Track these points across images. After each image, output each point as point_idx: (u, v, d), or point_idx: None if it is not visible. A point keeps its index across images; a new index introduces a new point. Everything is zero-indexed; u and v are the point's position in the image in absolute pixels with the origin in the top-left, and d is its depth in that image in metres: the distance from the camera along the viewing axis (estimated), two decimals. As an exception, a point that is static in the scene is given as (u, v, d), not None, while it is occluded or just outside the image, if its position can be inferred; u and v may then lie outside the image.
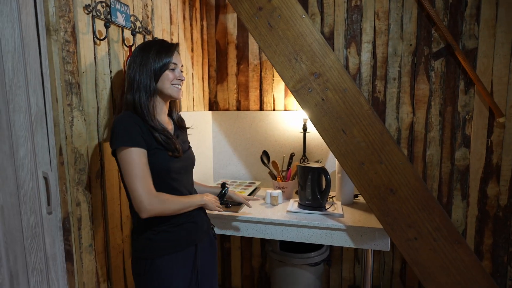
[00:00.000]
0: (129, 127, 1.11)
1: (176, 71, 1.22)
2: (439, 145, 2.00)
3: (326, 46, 1.30)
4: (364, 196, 1.33)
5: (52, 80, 1.12)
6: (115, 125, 1.13)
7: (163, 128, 1.20)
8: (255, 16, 1.34)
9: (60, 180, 1.16)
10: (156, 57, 1.17)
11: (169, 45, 1.22)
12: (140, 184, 1.08)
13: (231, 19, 2.26)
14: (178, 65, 1.23)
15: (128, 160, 1.09)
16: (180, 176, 1.23)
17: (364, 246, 1.57)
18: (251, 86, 2.28)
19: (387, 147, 1.27)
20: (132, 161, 1.08)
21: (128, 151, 1.09)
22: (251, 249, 2.40)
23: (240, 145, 2.32)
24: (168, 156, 1.17)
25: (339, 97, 1.30)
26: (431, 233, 1.27)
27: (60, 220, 1.17)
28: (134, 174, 1.08)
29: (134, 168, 1.08)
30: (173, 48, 1.21)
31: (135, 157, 1.09)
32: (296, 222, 1.63)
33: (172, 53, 1.20)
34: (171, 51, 1.20)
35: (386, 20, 1.99)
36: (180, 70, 1.24)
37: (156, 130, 1.16)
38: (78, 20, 1.19)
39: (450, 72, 1.94)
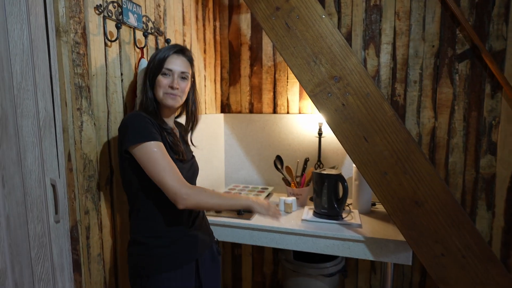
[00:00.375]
0: (144, 123, 1.06)
1: (169, 79, 1.13)
2: (463, 152, 1.90)
3: (347, 48, 1.22)
4: (387, 209, 1.25)
5: (62, 83, 1.08)
6: (129, 122, 1.07)
7: (171, 128, 1.18)
8: (272, 16, 1.28)
9: (69, 187, 1.12)
10: (153, 60, 1.14)
11: (170, 47, 1.15)
12: (171, 175, 1.02)
13: (244, 20, 2.20)
14: (175, 72, 1.13)
15: (151, 154, 1.02)
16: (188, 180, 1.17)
17: (384, 259, 1.49)
18: (265, 88, 2.21)
19: (412, 156, 1.19)
20: (155, 154, 1.02)
21: (149, 144, 1.02)
22: (262, 256, 2.34)
23: (253, 149, 2.25)
24: (176, 160, 1.11)
25: (361, 102, 1.22)
26: (460, 250, 1.18)
27: (68, 229, 1.13)
28: (162, 167, 1.01)
29: (160, 161, 1.02)
30: (171, 51, 1.13)
31: (158, 150, 1.03)
32: (312, 232, 1.55)
33: (166, 56, 1.12)
34: (168, 54, 1.12)
35: (407, 20, 1.90)
36: (179, 77, 1.14)
37: (165, 130, 1.13)
38: (89, 21, 1.15)
39: (476, 75, 1.83)
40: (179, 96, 1.15)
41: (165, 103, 1.14)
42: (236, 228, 1.67)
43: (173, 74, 1.13)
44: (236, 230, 1.67)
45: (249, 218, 1.69)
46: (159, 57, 1.12)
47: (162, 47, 1.57)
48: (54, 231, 1.09)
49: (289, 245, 1.61)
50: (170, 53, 1.13)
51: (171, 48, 1.15)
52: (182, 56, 1.16)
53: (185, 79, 1.16)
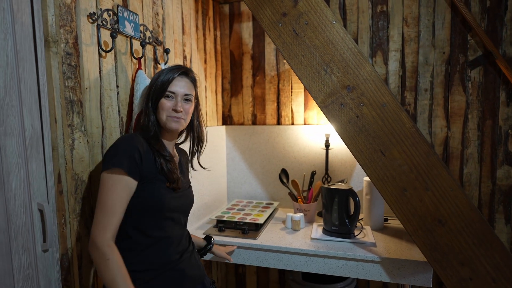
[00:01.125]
0: (125, 151, 0.97)
1: (172, 101, 1.07)
2: (478, 163, 1.80)
3: (360, 55, 1.14)
4: (407, 228, 1.15)
5: (51, 98, 0.98)
6: (112, 145, 1.01)
7: (170, 154, 1.09)
8: (279, 23, 1.20)
9: (59, 212, 1.01)
10: (155, 82, 1.08)
11: (173, 69, 1.10)
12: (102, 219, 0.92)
13: (246, 28, 2.12)
14: (178, 94, 1.08)
15: (101, 186, 0.95)
16: (175, 216, 1.08)
17: (402, 281, 1.37)
18: (268, 99, 2.13)
19: (434, 171, 1.09)
20: (105, 190, 0.94)
21: (107, 174, 0.95)
22: (268, 275, 2.21)
23: (256, 162, 2.15)
24: (167, 189, 1.04)
25: (377, 113, 1.13)
26: (489, 272, 1.08)
27: (57, 258, 1.02)
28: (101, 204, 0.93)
29: (103, 198, 0.94)
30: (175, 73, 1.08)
31: (109, 186, 0.94)
32: (324, 253, 1.44)
33: (170, 78, 1.07)
34: (172, 77, 1.07)
35: (415, 26, 1.83)
36: (182, 100, 1.09)
37: (161, 156, 1.04)
38: (82, 30, 1.06)
39: (489, 82, 1.75)
40: (183, 119, 1.10)
41: (169, 126, 1.08)
42: (240, 248, 1.56)
43: (176, 97, 1.08)
44: (241, 251, 1.56)
45: (255, 237, 1.58)
46: (163, 80, 1.08)
47: (161, 56, 1.49)
48: (41, 261, 0.98)
49: (298, 267, 1.50)
50: (174, 75, 1.08)
51: (175, 70, 1.10)
52: (185, 77, 1.12)
53: (189, 101, 1.12)
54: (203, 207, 1.87)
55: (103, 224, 0.92)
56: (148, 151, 1.02)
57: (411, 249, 1.43)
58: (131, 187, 0.97)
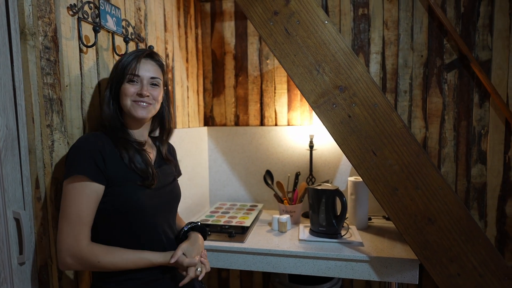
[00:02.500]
0: (85, 153, 0.87)
1: (137, 86, 0.96)
2: (454, 162, 1.88)
3: (352, 55, 1.14)
4: (399, 227, 1.16)
5: (28, 95, 0.90)
6: (71, 148, 0.90)
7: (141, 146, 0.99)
8: (270, 21, 1.18)
9: (36, 220, 0.92)
10: (117, 66, 0.98)
11: (136, 51, 1.00)
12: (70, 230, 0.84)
13: (228, 28, 2.09)
14: (144, 77, 0.97)
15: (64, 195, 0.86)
16: (158, 214, 0.97)
17: (389, 279, 1.40)
18: (251, 100, 2.10)
19: (424, 170, 1.12)
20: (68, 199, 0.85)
21: (68, 182, 0.86)
22: (251, 278, 2.18)
23: (239, 164, 2.12)
24: (140, 188, 0.92)
25: (368, 114, 1.14)
26: (476, 268, 1.12)
27: (36, 271, 0.93)
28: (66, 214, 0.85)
29: (68, 208, 0.85)
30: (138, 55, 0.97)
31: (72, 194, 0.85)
32: (313, 254, 1.44)
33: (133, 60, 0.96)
34: (134, 58, 0.96)
35: (395, 29, 1.88)
36: (148, 84, 0.98)
37: (127, 149, 0.94)
38: (61, 23, 0.98)
39: (464, 85, 1.84)
40: (151, 105, 0.98)
41: (134, 113, 0.96)
42: (227, 252, 1.52)
43: (141, 80, 0.97)
44: (227, 255, 1.52)
45: (242, 240, 1.54)
46: (124, 62, 0.96)
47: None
48: (17, 276, 0.88)
49: (287, 269, 1.49)
50: (138, 57, 0.97)
51: (138, 52, 0.99)
52: (151, 60, 1.00)
53: (156, 86, 1.00)
54: (186, 211, 1.80)
55: (74, 234, 0.84)
56: (112, 149, 0.91)
57: (395, 247, 1.45)
58: (98, 193, 0.88)
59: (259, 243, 1.53)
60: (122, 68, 0.96)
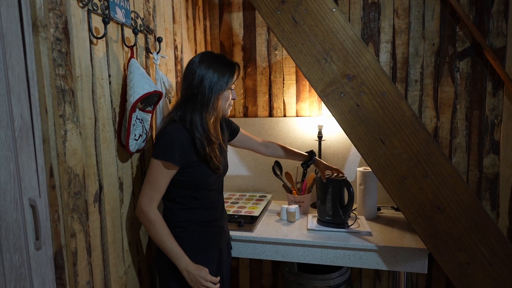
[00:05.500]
0: (171, 141, 1.11)
1: (233, 92, 1.24)
2: (466, 152, 1.85)
3: (360, 43, 1.13)
4: (407, 216, 1.16)
5: (41, 86, 0.92)
6: (160, 137, 1.14)
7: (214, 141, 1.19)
8: (277, 10, 1.17)
9: (51, 207, 0.96)
10: (221, 75, 1.15)
11: (231, 63, 1.20)
12: (149, 191, 1.13)
13: (236, 19, 2.08)
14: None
15: (152, 169, 1.13)
16: (215, 186, 1.26)
17: (398, 268, 1.40)
18: (260, 91, 2.10)
19: (433, 158, 1.11)
20: (154, 171, 1.12)
21: (157, 162, 1.12)
22: (261, 268, 2.21)
23: (249, 154, 2.13)
24: (209, 171, 1.19)
25: (377, 102, 1.13)
26: (486, 257, 1.11)
27: (51, 256, 0.96)
28: (149, 181, 1.13)
29: (152, 177, 1.13)
30: (236, 68, 1.21)
31: (159, 169, 1.12)
32: (321, 243, 1.45)
33: (235, 73, 1.19)
34: (234, 70, 1.19)
35: (406, 18, 1.85)
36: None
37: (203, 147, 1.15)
38: (72, 15, 1.00)
39: (477, 73, 1.80)
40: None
41: (226, 113, 1.25)
42: (236, 241, 1.54)
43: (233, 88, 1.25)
44: (237, 244, 1.54)
45: (251, 230, 1.56)
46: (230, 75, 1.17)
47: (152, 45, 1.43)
48: (34, 260, 0.92)
49: (296, 258, 1.50)
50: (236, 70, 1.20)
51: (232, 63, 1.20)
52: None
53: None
54: (196, 201, 1.83)
55: (150, 197, 1.13)
56: (189, 141, 1.14)
57: (404, 237, 1.45)
58: (174, 172, 1.15)
59: (268, 232, 1.55)
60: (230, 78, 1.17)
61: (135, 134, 1.21)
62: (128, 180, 1.28)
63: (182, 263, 1.13)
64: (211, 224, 1.26)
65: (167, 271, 1.21)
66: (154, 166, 1.12)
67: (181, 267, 1.13)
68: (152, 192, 1.13)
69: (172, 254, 1.13)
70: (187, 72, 1.17)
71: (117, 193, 1.21)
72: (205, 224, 1.24)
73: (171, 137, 1.12)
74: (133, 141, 1.21)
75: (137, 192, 1.34)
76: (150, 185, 1.13)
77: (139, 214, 1.15)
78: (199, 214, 1.23)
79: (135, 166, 1.33)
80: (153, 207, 1.13)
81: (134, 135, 1.21)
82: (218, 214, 1.29)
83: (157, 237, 1.13)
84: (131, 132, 1.19)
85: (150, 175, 1.13)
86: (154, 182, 1.12)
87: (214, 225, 1.27)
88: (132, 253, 1.31)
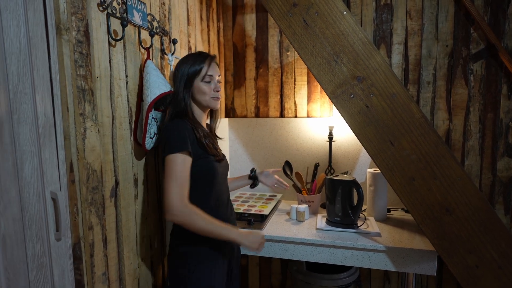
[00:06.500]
0: (182, 134, 1.13)
1: (212, 83, 1.23)
2: (479, 155, 1.83)
3: (370, 45, 1.15)
4: (415, 217, 1.17)
5: (63, 86, 0.97)
6: (169, 131, 1.14)
7: (208, 134, 1.25)
8: (289, 13, 1.20)
9: (71, 200, 1.01)
10: (190, 66, 1.20)
11: (204, 54, 1.24)
12: (176, 189, 1.09)
13: (249, 20, 2.12)
14: (215, 76, 1.23)
15: (171, 165, 1.10)
16: (222, 180, 1.28)
17: (406, 269, 1.40)
18: (271, 91, 2.13)
19: (443, 160, 1.11)
20: (175, 166, 1.10)
21: (175, 156, 1.10)
22: (270, 266, 2.23)
23: (259, 154, 2.16)
24: (215, 161, 1.22)
25: (386, 104, 1.14)
26: (495, 259, 1.10)
27: (70, 247, 1.02)
28: (173, 178, 1.09)
29: (175, 172, 1.10)
30: (207, 57, 1.22)
31: (179, 162, 1.10)
32: (329, 242, 1.46)
33: (204, 61, 1.20)
34: (204, 60, 1.21)
35: (419, 19, 1.84)
36: (217, 81, 1.25)
37: (203, 137, 1.19)
38: (92, 18, 1.05)
39: (491, 75, 1.78)
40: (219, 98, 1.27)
41: (211, 105, 1.24)
42: (247, 239, 1.57)
43: (213, 80, 1.23)
44: (247, 241, 1.57)
45: (260, 228, 1.59)
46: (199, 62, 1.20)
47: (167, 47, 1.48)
48: (55, 250, 0.97)
49: (304, 256, 1.52)
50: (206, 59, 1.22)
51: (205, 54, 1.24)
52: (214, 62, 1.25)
53: (220, 82, 1.28)
54: (207, 199, 1.87)
55: (181, 194, 1.09)
56: (192, 133, 1.17)
57: (414, 239, 1.45)
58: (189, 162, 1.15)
59: (277, 230, 1.58)
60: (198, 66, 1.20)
61: (150, 133, 1.26)
62: (142, 176, 1.33)
63: (234, 235, 1.15)
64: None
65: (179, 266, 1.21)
66: (173, 161, 1.10)
67: (237, 239, 1.16)
68: (180, 189, 1.09)
69: (223, 233, 1.13)
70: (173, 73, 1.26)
71: (132, 189, 1.26)
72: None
73: (178, 130, 1.13)
74: (149, 139, 1.26)
75: (151, 188, 1.39)
76: (176, 182, 1.09)
77: (174, 216, 1.09)
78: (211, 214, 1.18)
79: (149, 163, 1.38)
80: (186, 203, 1.09)
81: (150, 134, 1.25)
82: (228, 212, 1.30)
83: (204, 227, 1.11)
84: (148, 130, 1.23)
85: (172, 171, 1.09)
86: (178, 177, 1.09)
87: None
88: (146, 247, 1.35)
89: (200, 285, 1.17)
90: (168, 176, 1.09)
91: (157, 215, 1.43)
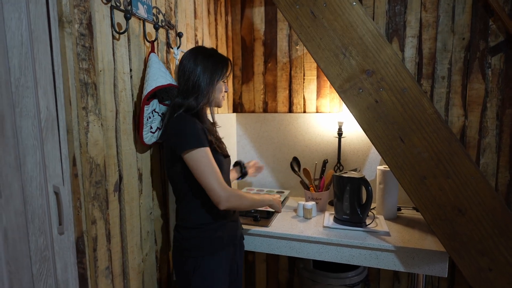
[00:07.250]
0: (197, 129, 1.15)
1: (225, 85, 1.31)
2: (496, 153, 1.76)
3: (381, 38, 1.10)
4: (426, 217, 1.12)
5: (65, 79, 0.97)
6: (183, 127, 1.15)
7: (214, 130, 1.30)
8: (296, 4, 1.16)
9: (74, 195, 1.01)
10: (217, 67, 1.23)
11: (224, 57, 1.28)
12: (216, 180, 1.12)
13: (258, 14, 2.08)
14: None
15: (200, 160, 1.12)
16: (226, 176, 1.30)
17: (416, 270, 1.36)
18: (280, 86, 2.09)
19: (455, 158, 1.06)
20: (204, 160, 1.12)
21: (199, 150, 1.12)
22: (277, 263, 2.22)
23: (267, 150, 2.13)
24: (223, 156, 1.26)
25: (397, 99, 1.09)
26: (510, 263, 1.05)
27: (73, 240, 1.02)
28: (209, 172, 1.12)
29: (207, 166, 1.12)
30: (229, 61, 1.28)
31: (206, 156, 1.13)
32: (336, 241, 1.43)
33: (227, 61, 1.27)
34: (227, 63, 1.27)
35: (434, 11, 1.77)
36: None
37: (210, 133, 1.21)
38: (95, 11, 1.04)
39: (510, 69, 1.69)
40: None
41: (220, 104, 1.31)
42: (252, 235, 1.55)
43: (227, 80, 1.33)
44: (252, 238, 1.56)
45: (266, 225, 1.57)
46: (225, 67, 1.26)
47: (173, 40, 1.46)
48: (58, 244, 0.98)
49: (311, 254, 1.49)
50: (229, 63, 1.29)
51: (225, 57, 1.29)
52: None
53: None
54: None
55: (219, 182, 1.13)
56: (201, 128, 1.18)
57: (425, 239, 1.40)
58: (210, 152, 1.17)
59: (283, 228, 1.55)
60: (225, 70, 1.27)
61: (151, 127, 1.24)
62: (147, 171, 1.32)
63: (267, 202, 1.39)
64: (226, 222, 1.27)
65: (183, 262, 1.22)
66: (200, 156, 1.12)
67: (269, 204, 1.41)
68: (218, 179, 1.13)
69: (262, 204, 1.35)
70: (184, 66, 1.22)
71: (136, 184, 1.26)
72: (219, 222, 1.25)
73: (193, 126, 1.15)
74: (149, 133, 1.24)
75: (156, 183, 1.38)
76: (212, 175, 1.12)
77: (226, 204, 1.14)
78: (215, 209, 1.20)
79: (154, 158, 1.37)
80: (228, 190, 1.15)
81: (150, 128, 1.24)
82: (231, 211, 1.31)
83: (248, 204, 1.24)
84: (145, 124, 1.22)
85: (201, 165, 1.12)
86: (209, 167, 1.12)
87: (230, 221, 1.29)
88: (150, 242, 1.35)
89: (205, 279, 1.19)
90: (202, 172, 1.12)
91: (162, 210, 1.43)
